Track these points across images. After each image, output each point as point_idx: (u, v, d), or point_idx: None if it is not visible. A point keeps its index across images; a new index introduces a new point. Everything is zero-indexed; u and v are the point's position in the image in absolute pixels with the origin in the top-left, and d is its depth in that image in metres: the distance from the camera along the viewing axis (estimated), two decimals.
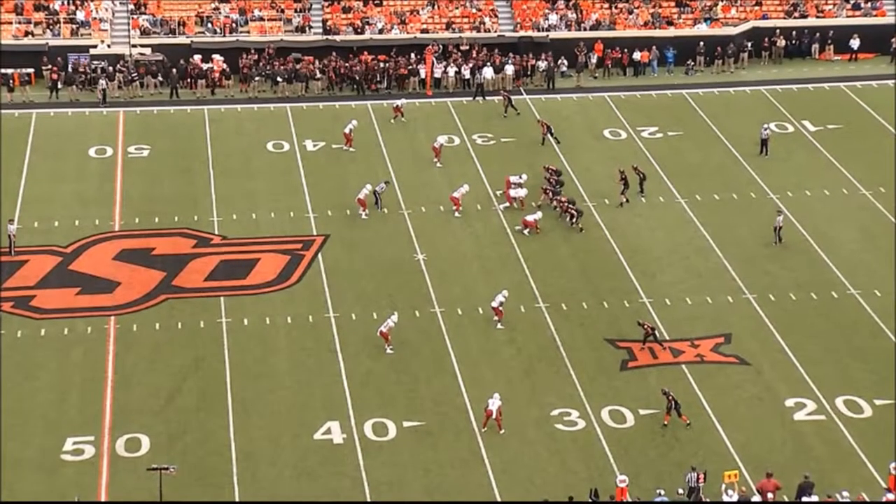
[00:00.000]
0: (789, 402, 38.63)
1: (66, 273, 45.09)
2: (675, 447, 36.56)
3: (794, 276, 45.28)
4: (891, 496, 33.57)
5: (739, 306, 43.53)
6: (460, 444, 36.68)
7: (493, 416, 36.72)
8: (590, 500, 33.35)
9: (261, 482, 35.04)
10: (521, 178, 49.95)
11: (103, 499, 34.25)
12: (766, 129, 54.49)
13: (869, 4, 67.35)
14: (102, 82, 58.55)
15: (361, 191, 48.87)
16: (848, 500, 33.27)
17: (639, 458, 36.09)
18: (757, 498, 33.32)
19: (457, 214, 48.46)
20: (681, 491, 33.95)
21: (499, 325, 41.89)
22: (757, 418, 37.98)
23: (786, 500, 33.96)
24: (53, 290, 44.02)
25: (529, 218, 47.63)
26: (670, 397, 37.22)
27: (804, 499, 33.46)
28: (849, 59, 65.09)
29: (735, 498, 33.26)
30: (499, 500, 34.28)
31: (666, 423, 37.22)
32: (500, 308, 42.09)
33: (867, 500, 33.70)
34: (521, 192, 49.39)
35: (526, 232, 47.37)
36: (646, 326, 40.67)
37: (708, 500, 33.49)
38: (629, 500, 33.48)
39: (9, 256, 45.22)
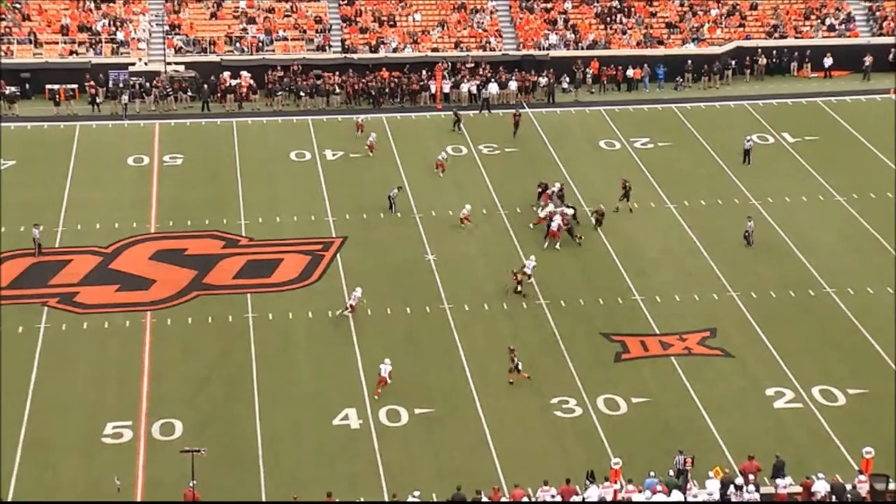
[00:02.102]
0: (770, 392, 38.48)
1: (106, 272, 45.05)
2: (666, 433, 36.44)
3: (775, 276, 45.11)
4: (863, 478, 33.38)
5: (724, 303, 43.37)
6: (468, 429, 36.57)
7: (386, 381, 37.50)
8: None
9: (284, 464, 34.97)
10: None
11: (140, 478, 34.23)
12: (748, 141, 54.30)
13: (843, 26, 67.12)
14: (125, 97, 58.57)
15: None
16: (824, 481, 33.13)
17: (631, 442, 35.95)
18: (740, 479, 33.17)
19: (463, 225, 47.99)
20: (671, 473, 33.80)
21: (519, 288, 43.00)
22: (740, 406, 37.84)
23: (766, 481, 33.80)
24: (94, 287, 43.99)
25: (542, 214, 47.60)
26: (514, 356, 37.94)
27: (779, 481, 33.28)
28: (824, 76, 64.89)
29: (716, 484, 33.07)
30: (503, 481, 34.16)
31: (511, 381, 37.86)
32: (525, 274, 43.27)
33: (841, 481, 33.50)
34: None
35: (531, 224, 47.58)
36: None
37: (694, 483, 33.30)
38: (622, 480, 33.38)
39: (36, 258, 45.10)
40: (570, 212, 47.16)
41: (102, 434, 35.98)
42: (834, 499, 32.71)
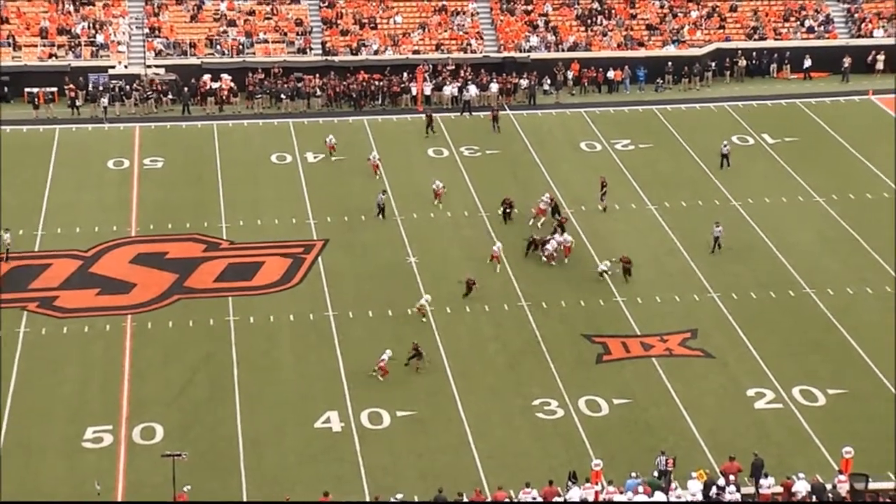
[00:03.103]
0: (750, 392, 38.58)
1: (86, 275, 44.86)
2: (647, 434, 36.48)
3: (755, 277, 45.23)
4: (843, 478, 33.50)
5: (705, 304, 43.47)
6: (450, 431, 36.55)
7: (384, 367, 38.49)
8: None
9: (266, 467, 34.87)
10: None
11: (121, 482, 34.07)
12: (725, 146, 54.28)
13: (822, 28, 67.41)
14: (104, 100, 58.35)
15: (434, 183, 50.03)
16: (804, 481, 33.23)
17: (613, 443, 35.99)
18: (722, 481, 33.23)
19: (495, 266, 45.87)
20: (655, 474, 33.83)
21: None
22: (721, 407, 37.91)
23: (746, 481, 33.87)
24: (75, 290, 43.80)
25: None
26: (418, 349, 39.00)
27: (763, 482, 33.35)
28: (803, 78, 65.14)
29: (698, 485, 33.14)
30: (485, 483, 34.15)
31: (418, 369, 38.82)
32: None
33: (821, 481, 33.61)
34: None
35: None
36: None
37: (677, 484, 33.35)
38: (604, 481, 33.42)
39: (6, 263, 44.80)
40: (569, 240, 45.50)
41: (83, 438, 35.80)
42: (814, 499, 32.80)
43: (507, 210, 48.57)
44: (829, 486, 33.31)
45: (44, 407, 37.25)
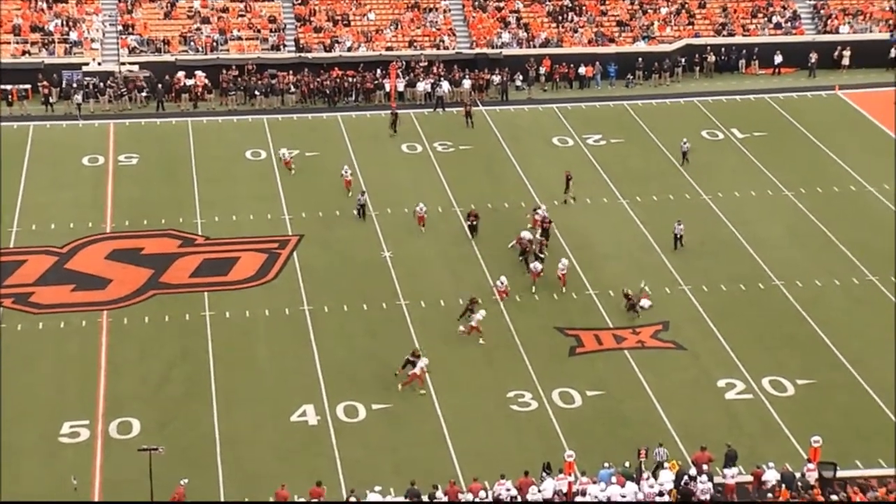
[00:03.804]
0: (721, 383, 38.88)
1: (62, 271, 44.67)
2: (620, 425, 36.71)
3: (725, 270, 45.54)
4: (811, 466, 33.83)
5: (676, 297, 43.75)
6: (425, 424, 36.65)
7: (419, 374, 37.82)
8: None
9: (242, 461, 34.87)
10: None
11: (98, 477, 34.00)
12: (685, 143, 54.34)
13: (789, 24, 67.87)
14: (77, 97, 58.08)
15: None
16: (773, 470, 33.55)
17: (587, 435, 36.20)
18: (693, 471, 33.49)
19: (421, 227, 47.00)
20: (654, 463, 33.94)
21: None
22: (693, 398, 38.20)
23: (718, 471, 34.14)
24: (50, 287, 43.61)
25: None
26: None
27: (727, 471, 33.59)
28: (772, 73, 65.56)
29: (670, 475, 33.39)
30: (460, 475, 34.29)
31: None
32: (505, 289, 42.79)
33: (791, 470, 33.94)
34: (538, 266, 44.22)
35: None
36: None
37: (649, 473, 33.58)
38: (577, 472, 33.61)
39: None
40: (538, 268, 44.02)
41: (59, 433, 35.70)
42: (783, 487, 33.11)
43: (474, 223, 47.04)
44: (797, 475, 33.62)
45: (20, 402, 37.08)
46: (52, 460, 34.63)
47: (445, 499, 32.61)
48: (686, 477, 33.25)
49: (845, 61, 65.69)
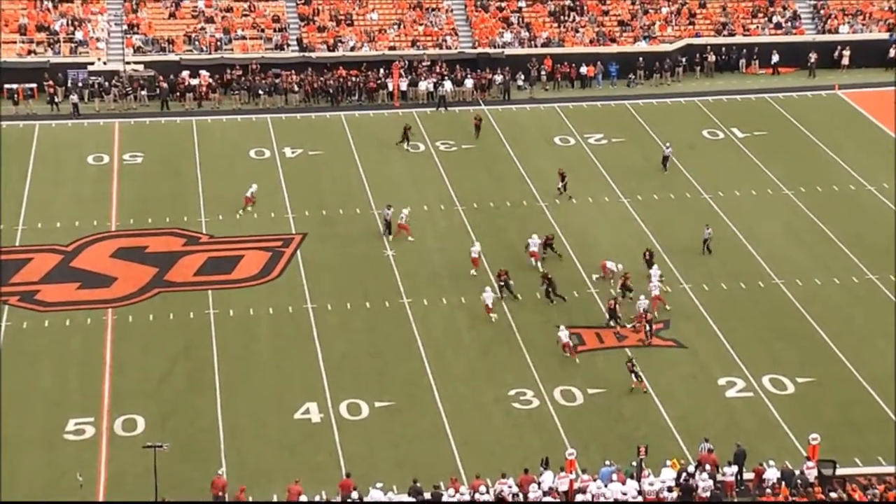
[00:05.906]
0: (721, 381, 38.80)
1: (67, 269, 44.63)
2: (620, 422, 36.65)
3: (726, 268, 45.46)
4: (810, 464, 33.75)
5: (677, 295, 43.66)
6: (426, 420, 36.61)
7: (566, 344, 39.00)
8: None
9: (245, 457, 34.83)
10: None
11: (103, 473, 33.95)
12: (668, 148, 54.13)
13: (789, 24, 67.76)
14: (73, 96, 58.01)
15: (249, 189, 48.56)
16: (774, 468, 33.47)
17: (587, 433, 36.13)
18: (692, 467, 33.40)
19: (473, 273, 44.43)
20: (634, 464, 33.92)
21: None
22: (693, 396, 38.13)
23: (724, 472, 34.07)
24: (56, 285, 43.57)
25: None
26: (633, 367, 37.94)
27: (726, 469, 33.48)
28: (772, 73, 65.46)
29: (671, 473, 33.30)
30: (462, 472, 34.22)
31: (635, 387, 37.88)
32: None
33: (790, 467, 33.86)
34: None
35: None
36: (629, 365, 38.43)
37: (650, 471, 33.49)
38: (578, 470, 33.53)
39: None
40: (535, 242, 43.81)
41: (64, 430, 35.66)
42: (783, 484, 33.03)
43: (506, 281, 42.94)
44: (797, 472, 33.54)
45: (25, 399, 37.06)
46: (57, 457, 34.59)
47: (450, 494, 32.45)
48: (685, 473, 33.14)
49: (845, 61, 65.60)
